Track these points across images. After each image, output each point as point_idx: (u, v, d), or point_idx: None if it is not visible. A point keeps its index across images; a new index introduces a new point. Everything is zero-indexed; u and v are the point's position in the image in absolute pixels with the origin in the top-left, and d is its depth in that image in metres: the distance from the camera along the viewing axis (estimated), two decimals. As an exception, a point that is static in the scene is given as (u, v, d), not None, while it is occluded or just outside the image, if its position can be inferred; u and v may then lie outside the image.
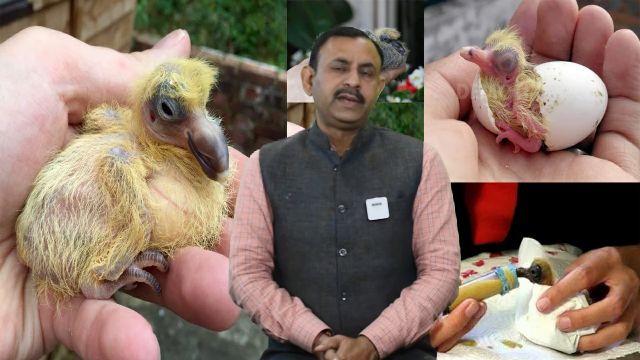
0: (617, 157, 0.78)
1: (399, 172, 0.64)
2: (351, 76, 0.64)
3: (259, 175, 0.65)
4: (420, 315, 0.62)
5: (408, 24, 0.91)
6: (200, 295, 0.57)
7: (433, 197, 0.64)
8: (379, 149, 0.65)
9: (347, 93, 0.63)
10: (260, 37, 4.11)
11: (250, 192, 0.65)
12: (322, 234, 0.63)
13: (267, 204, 0.64)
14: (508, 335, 0.91)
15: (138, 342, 0.53)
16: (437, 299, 0.63)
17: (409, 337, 0.62)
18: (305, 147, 0.65)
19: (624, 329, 0.88)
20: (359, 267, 0.62)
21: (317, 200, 0.63)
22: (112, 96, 0.62)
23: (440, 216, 0.64)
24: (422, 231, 0.64)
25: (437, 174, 0.65)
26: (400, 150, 0.65)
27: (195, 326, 1.93)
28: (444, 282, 0.63)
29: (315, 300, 0.63)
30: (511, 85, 0.78)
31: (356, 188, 0.63)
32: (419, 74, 0.90)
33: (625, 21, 1.48)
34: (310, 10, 0.92)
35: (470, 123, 0.82)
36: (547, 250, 1.02)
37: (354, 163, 0.64)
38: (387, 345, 0.61)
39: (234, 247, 0.63)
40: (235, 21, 4.12)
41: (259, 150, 0.66)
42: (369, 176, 0.64)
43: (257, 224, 0.64)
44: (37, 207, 0.58)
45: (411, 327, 0.62)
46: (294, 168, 0.64)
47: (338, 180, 0.64)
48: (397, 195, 0.63)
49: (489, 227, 1.06)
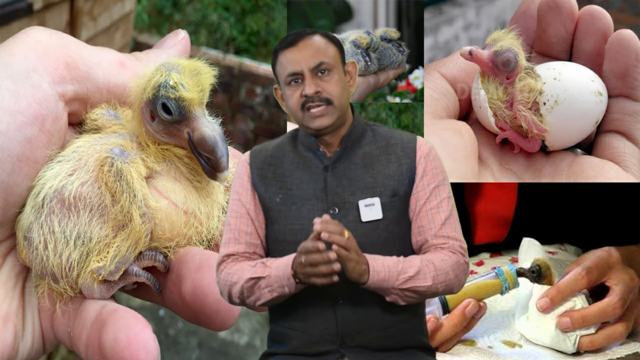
0: (617, 157, 0.78)
1: (392, 169, 0.63)
2: (306, 85, 0.62)
3: (247, 179, 0.64)
4: (420, 265, 0.60)
5: (408, 24, 0.91)
6: (200, 295, 0.57)
7: (431, 193, 0.62)
8: (370, 146, 0.64)
9: (311, 102, 0.62)
10: (260, 37, 4.11)
11: (239, 196, 0.63)
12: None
13: (257, 207, 0.63)
14: (508, 335, 0.91)
15: (138, 342, 0.53)
16: (439, 264, 0.61)
17: (402, 276, 0.59)
18: (296, 147, 0.64)
19: (624, 329, 0.88)
20: None
21: (308, 202, 0.62)
22: (112, 96, 0.62)
23: (441, 212, 0.62)
24: (423, 229, 0.62)
25: (433, 169, 0.63)
26: (393, 147, 0.63)
27: (195, 326, 1.93)
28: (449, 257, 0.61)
29: (311, 303, 0.62)
30: (511, 85, 0.78)
31: (348, 188, 0.62)
32: (419, 74, 0.90)
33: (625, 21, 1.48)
34: (310, 10, 0.92)
35: (470, 123, 0.82)
36: (547, 250, 1.02)
37: (345, 162, 0.63)
38: (378, 265, 0.59)
39: (222, 254, 0.62)
40: (235, 21, 4.12)
41: (249, 152, 0.65)
42: (361, 175, 0.62)
43: (245, 228, 0.63)
44: (37, 207, 0.58)
45: (407, 269, 0.60)
46: (284, 169, 0.63)
47: (329, 180, 0.62)
48: (390, 194, 0.62)
49: (489, 227, 1.06)
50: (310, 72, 0.63)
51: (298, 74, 0.63)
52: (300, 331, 0.62)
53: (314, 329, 0.62)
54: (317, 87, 0.62)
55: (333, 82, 0.63)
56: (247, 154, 0.65)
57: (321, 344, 0.62)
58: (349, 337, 0.62)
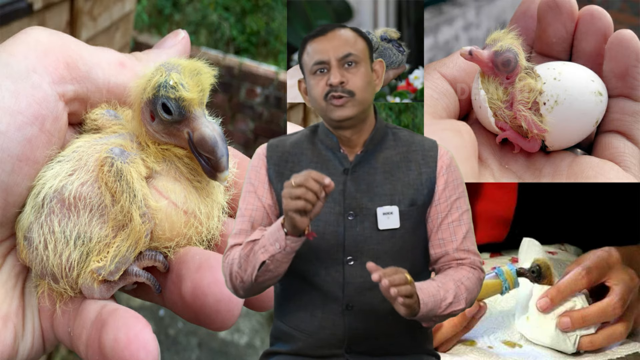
0: (617, 157, 0.78)
1: (412, 178, 0.62)
2: (332, 75, 0.61)
3: (264, 172, 0.63)
4: (454, 289, 0.59)
5: (408, 24, 0.91)
6: (200, 295, 0.57)
7: (452, 206, 0.62)
8: (391, 150, 0.62)
9: (334, 92, 0.61)
10: (260, 37, 4.11)
11: (255, 189, 0.63)
12: (329, 240, 0.61)
13: (274, 202, 0.62)
14: (508, 335, 0.91)
15: (138, 342, 0.53)
16: (467, 284, 0.60)
17: (444, 302, 0.59)
18: (314, 145, 0.63)
19: (624, 329, 0.88)
20: (366, 277, 0.59)
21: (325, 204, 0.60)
22: (112, 96, 0.62)
23: (462, 224, 0.62)
24: (444, 241, 0.62)
25: (454, 181, 0.62)
26: (414, 154, 0.62)
27: (195, 326, 1.93)
28: (473, 275, 0.61)
29: (319, 306, 0.61)
30: (511, 85, 0.78)
31: (366, 194, 0.61)
32: (419, 74, 0.90)
33: (625, 21, 1.48)
34: (310, 10, 0.92)
35: (470, 123, 0.82)
36: (547, 250, 1.02)
37: (365, 167, 0.62)
38: (424, 294, 0.57)
39: (230, 243, 0.61)
40: (235, 21, 4.12)
41: (265, 145, 0.64)
42: (380, 181, 0.61)
43: (260, 222, 0.62)
44: (37, 207, 0.58)
45: (446, 295, 0.59)
46: (301, 168, 0.62)
47: (348, 184, 0.61)
48: (408, 203, 0.61)
49: (489, 227, 1.06)
50: (337, 62, 0.62)
51: (325, 63, 0.62)
52: (306, 333, 0.62)
53: (321, 332, 0.62)
54: (342, 78, 0.62)
55: (359, 75, 0.62)
56: (264, 147, 0.64)
57: (326, 348, 0.62)
58: (356, 343, 0.61)
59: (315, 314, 0.61)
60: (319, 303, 0.61)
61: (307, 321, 0.62)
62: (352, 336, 0.61)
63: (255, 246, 0.59)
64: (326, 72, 0.62)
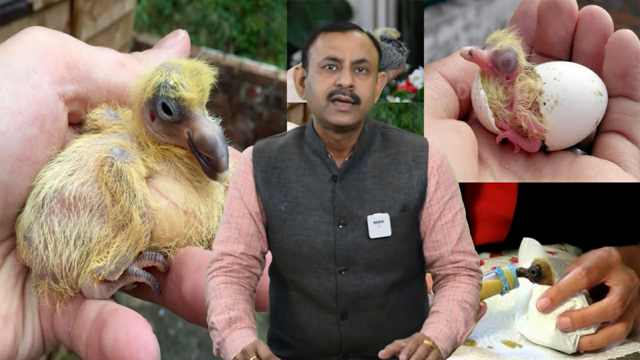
0: (617, 157, 0.78)
1: (402, 181, 0.59)
2: (343, 75, 0.58)
3: (251, 179, 0.60)
4: (463, 315, 0.58)
5: (408, 24, 0.91)
6: (200, 295, 0.57)
7: (445, 207, 0.60)
8: (380, 153, 0.60)
9: (341, 94, 0.58)
10: (260, 37, 4.11)
11: (241, 195, 0.60)
12: (320, 249, 0.58)
13: (260, 210, 0.60)
14: (508, 335, 0.91)
15: (138, 342, 0.53)
16: (470, 300, 0.59)
17: (459, 335, 0.57)
18: (302, 149, 0.60)
19: (624, 329, 0.88)
20: (359, 286, 0.58)
21: (315, 212, 0.59)
22: (112, 96, 0.62)
23: (456, 225, 0.60)
24: (438, 243, 0.60)
25: (446, 181, 0.60)
26: (404, 155, 0.60)
27: (195, 326, 1.92)
28: (472, 285, 0.60)
29: (313, 315, 0.60)
30: (511, 85, 0.78)
31: (356, 202, 0.59)
32: (419, 74, 0.90)
33: (625, 21, 1.48)
34: (310, 10, 0.92)
35: (470, 123, 0.82)
36: (547, 250, 1.02)
37: (354, 172, 0.59)
38: (444, 343, 0.56)
39: (218, 251, 0.59)
40: (235, 21, 4.12)
41: (251, 149, 0.61)
42: (370, 187, 0.59)
43: (247, 229, 0.60)
44: (37, 207, 0.58)
45: (458, 326, 0.58)
46: (289, 174, 0.60)
47: (337, 192, 0.59)
48: (400, 209, 0.59)
49: (489, 227, 1.06)
50: (351, 64, 0.59)
51: (338, 60, 0.58)
52: (301, 342, 0.61)
53: (317, 341, 0.61)
54: (353, 82, 0.58)
55: (367, 84, 0.59)
56: (249, 151, 0.61)
57: (323, 355, 0.61)
58: (353, 351, 0.60)
59: (311, 323, 0.60)
60: (313, 313, 0.60)
61: (302, 330, 0.61)
62: (349, 344, 0.60)
63: (214, 332, 0.57)
64: (336, 70, 0.58)
